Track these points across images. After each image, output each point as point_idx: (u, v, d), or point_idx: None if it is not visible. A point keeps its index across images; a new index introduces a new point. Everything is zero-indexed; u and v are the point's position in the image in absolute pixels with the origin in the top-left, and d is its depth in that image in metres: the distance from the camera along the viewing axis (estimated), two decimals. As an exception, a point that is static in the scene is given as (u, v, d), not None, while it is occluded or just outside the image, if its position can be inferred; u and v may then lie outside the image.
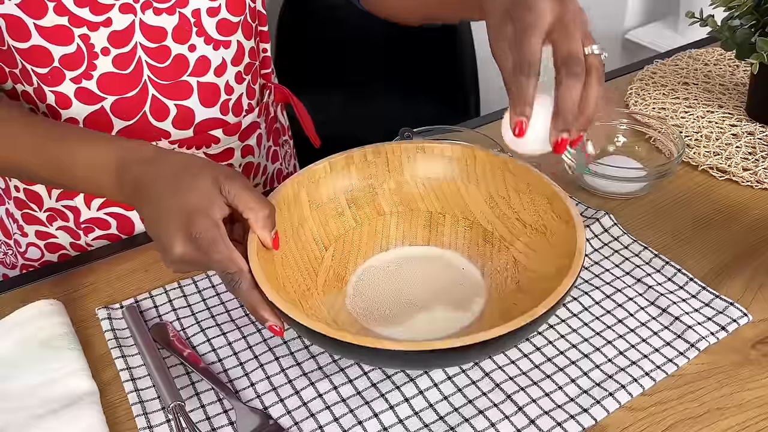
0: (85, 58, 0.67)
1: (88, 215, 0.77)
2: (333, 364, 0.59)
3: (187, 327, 0.64)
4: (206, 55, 0.73)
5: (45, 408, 0.56)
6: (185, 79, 0.73)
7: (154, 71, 0.71)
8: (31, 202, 0.77)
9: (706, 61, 1.05)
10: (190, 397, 0.57)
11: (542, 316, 0.50)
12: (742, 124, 0.89)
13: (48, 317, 0.63)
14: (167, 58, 0.71)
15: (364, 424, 0.54)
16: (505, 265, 0.65)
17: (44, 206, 0.77)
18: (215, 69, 0.75)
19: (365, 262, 0.67)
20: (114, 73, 0.69)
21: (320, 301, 0.62)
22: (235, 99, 0.79)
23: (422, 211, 0.70)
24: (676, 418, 0.54)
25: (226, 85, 0.77)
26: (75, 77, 0.68)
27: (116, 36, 0.68)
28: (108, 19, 0.67)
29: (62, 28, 0.65)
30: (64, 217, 0.77)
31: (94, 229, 0.78)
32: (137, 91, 0.71)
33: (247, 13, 0.76)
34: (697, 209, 0.76)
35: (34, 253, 0.81)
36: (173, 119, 0.75)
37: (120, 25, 0.67)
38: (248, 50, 0.78)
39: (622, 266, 0.68)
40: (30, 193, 0.76)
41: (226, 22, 0.74)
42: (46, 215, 0.78)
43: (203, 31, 0.72)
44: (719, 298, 0.63)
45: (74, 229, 0.78)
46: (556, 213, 0.62)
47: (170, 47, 0.71)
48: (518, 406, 0.55)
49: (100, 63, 0.68)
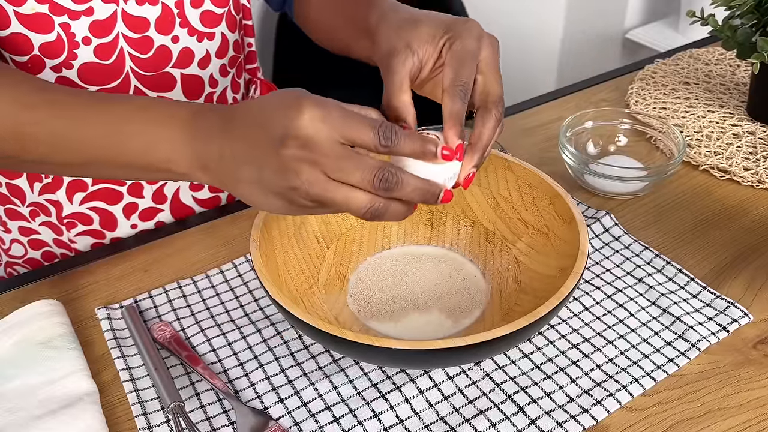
0: (66, 47, 0.67)
1: (70, 210, 0.76)
2: (333, 364, 0.59)
3: (186, 327, 0.63)
4: (190, 47, 0.73)
5: (44, 408, 0.55)
6: (168, 71, 0.73)
7: (136, 62, 0.70)
8: (14, 197, 0.76)
9: (706, 61, 1.05)
10: (190, 397, 0.57)
11: (544, 316, 0.50)
12: (743, 124, 0.89)
13: (48, 317, 0.62)
14: (150, 49, 0.71)
15: (365, 425, 0.54)
16: (506, 265, 0.65)
17: (27, 201, 0.76)
18: (199, 61, 0.74)
19: (366, 260, 0.67)
20: (95, 63, 0.69)
21: (322, 299, 0.62)
22: (219, 92, 0.78)
23: (423, 210, 0.70)
24: (677, 419, 0.54)
25: (210, 78, 0.76)
26: (55, 66, 0.67)
27: (97, 25, 0.67)
28: (89, 8, 0.66)
29: (42, 15, 0.65)
30: (47, 212, 0.77)
31: (77, 225, 0.77)
32: (119, 82, 0.71)
33: (231, 5, 0.75)
34: (698, 209, 0.76)
35: (17, 250, 0.80)
36: None
37: (102, 15, 0.67)
38: (232, 43, 0.77)
39: (623, 266, 0.68)
40: (12, 187, 0.76)
41: (210, 13, 0.73)
42: (29, 210, 0.77)
43: (186, 22, 0.72)
44: (720, 298, 0.63)
45: (57, 225, 0.77)
46: (559, 213, 0.62)
47: (153, 38, 0.70)
48: (519, 406, 0.55)
49: (81, 52, 0.68)
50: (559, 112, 0.94)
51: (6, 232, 0.79)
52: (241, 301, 0.66)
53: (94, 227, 0.78)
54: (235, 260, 0.70)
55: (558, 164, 0.81)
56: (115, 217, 0.78)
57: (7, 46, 0.66)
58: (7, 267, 0.83)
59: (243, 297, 0.66)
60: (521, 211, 0.66)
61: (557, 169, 0.81)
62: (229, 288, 0.67)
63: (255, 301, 0.66)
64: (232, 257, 0.71)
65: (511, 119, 0.94)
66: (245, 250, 0.72)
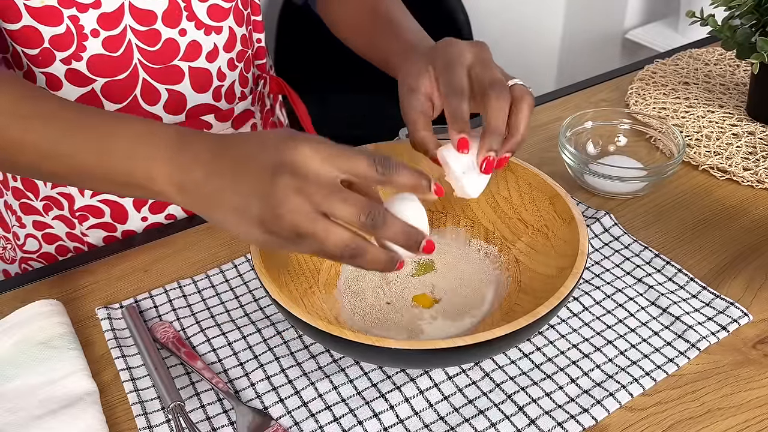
0: (75, 40, 0.68)
1: (82, 203, 0.77)
2: (333, 364, 0.59)
3: (186, 327, 0.63)
4: (197, 40, 0.74)
5: (44, 408, 0.56)
6: (176, 64, 0.73)
7: (144, 55, 0.71)
8: (28, 191, 0.77)
9: (706, 61, 1.05)
10: (190, 397, 0.57)
11: (544, 316, 0.50)
12: (743, 124, 0.89)
13: (48, 317, 0.62)
14: (157, 41, 0.71)
15: (365, 424, 0.54)
16: (506, 265, 0.65)
17: (40, 195, 0.77)
18: (207, 54, 0.75)
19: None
20: (104, 56, 0.70)
21: (322, 299, 0.62)
22: (227, 86, 0.79)
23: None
24: (677, 418, 0.54)
25: (218, 71, 0.77)
26: (65, 58, 0.69)
27: (105, 18, 0.68)
28: (97, 1, 0.67)
29: (52, 8, 0.66)
30: (59, 206, 0.77)
31: (89, 218, 0.78)
32: (127, 74, 0.71)
33: (238, 0, 0.76)
34: (698, 209, 0.76)
35: (32, 245, 0.81)
36: (164, 103, 0.75)
37: (109, 7, 0.68)
38: (240, 37, 0.78)
39: (623, 266, 0.68)
40: (27, 181, 0.77)
41: (217, 7, 0.74)
42: (42, 204, 0.78)
43: (194, 15, 0.72)
44: (720, 297, 0.63)
45: (69, 218, 0.78)
46: (558, 213, 0.62)
47: (160, 31, 0.71)
48: (518, 406, 0.55)
49: (89, 45, 0.69)
50: (559, 112, 0.94)
51: (21, 227, 0.80)
52: (241, 301, 0.66)
53: (106, 220, 0.79)
54: (236, 260, 0.70)
55: (558, 164, 0.81)
56: (125, 209, 0.78)
57: (19, 39, 0.67)
58: (22, 263, 0.83)
59: (243, 297, 0.66)
60: (521, 211, 0.66)
61: (557, 169, 0.81)
62: (229, 288, 0.67)
63: (255, 301, 0.66)
64: (232, 257, 0.71)
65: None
66: (245, 250, 0.72)
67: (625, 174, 0.75)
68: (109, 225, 0.79)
